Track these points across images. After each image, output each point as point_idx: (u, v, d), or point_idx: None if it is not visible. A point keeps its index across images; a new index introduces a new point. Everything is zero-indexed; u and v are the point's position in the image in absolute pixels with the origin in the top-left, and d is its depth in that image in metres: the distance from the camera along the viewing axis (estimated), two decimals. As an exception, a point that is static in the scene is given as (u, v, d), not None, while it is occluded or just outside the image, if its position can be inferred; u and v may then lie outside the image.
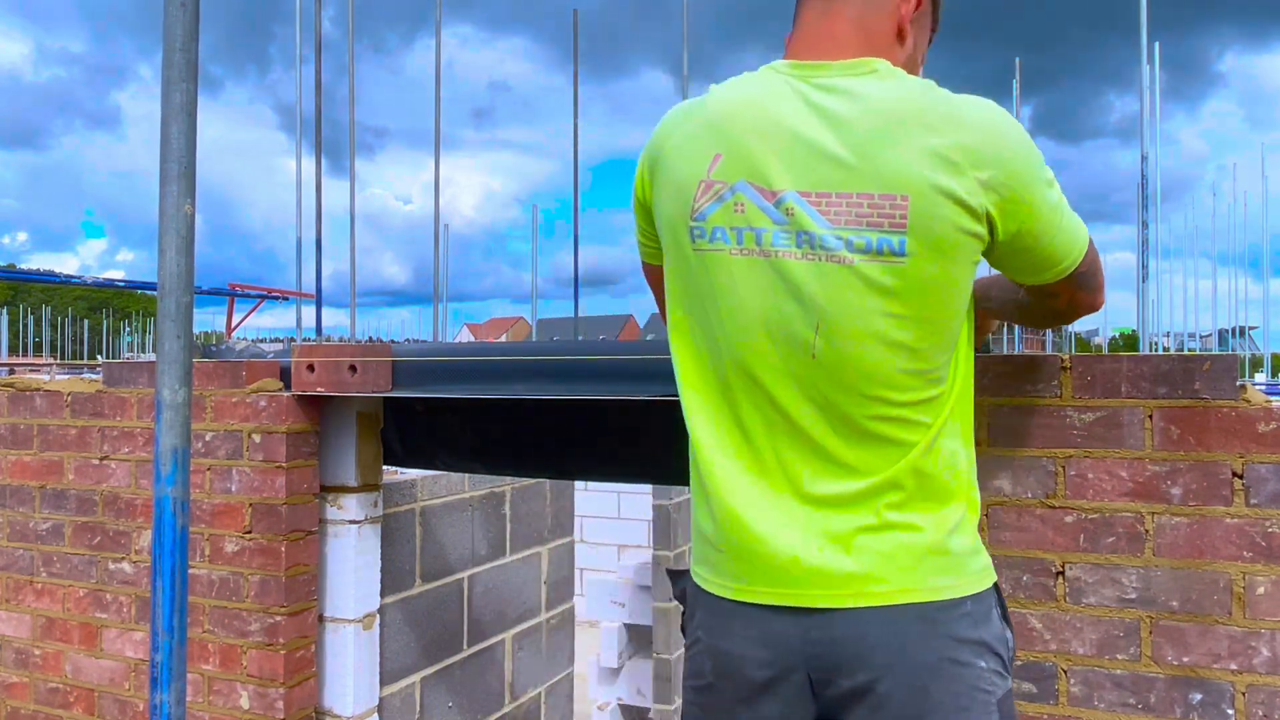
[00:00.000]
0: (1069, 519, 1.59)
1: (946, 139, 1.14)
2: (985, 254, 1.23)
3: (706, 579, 1.32)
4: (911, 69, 1.32)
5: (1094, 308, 1.39)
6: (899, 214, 1.14)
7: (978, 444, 1.64)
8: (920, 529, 1.21)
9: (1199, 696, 1.52)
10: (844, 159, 1.16)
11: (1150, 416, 1.55)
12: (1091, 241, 1.31)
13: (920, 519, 1.21)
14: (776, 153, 1.19)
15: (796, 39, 1.31)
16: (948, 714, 1.17)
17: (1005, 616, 1.28)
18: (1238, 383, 1.52)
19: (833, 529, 1.21)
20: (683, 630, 1.40)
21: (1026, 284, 1.32)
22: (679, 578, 1.43)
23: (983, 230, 1.18)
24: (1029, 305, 1.41)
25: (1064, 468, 1.60)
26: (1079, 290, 1.33)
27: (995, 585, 1.28)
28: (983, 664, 1.20)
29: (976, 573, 1.25)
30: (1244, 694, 1.50)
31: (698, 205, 1.23)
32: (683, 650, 1.39)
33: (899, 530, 1.21)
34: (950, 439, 1.25)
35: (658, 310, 1.53)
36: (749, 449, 1.25)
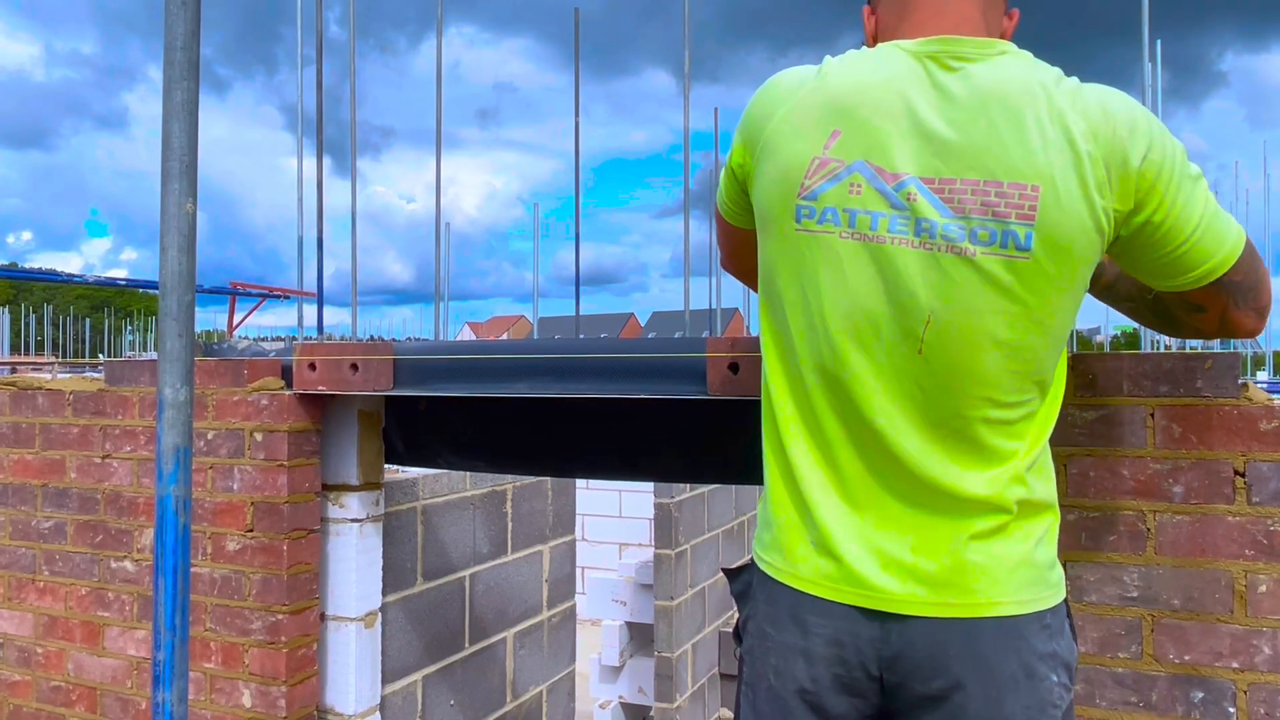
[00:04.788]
0: (1071, 517, 1.59)
1: (1078, 125, 1.09)
2: (1112, 250, 1.17)
3: (778, 568, 1.27)
4: None
5: (1253, 331, 1.23)
6: (1028, 205, 1.09)
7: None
8: (1012, 542, 1.17)
9: (1200, 695, 1.52)
10: (972, 143, 1.11)
11: (1152, 415, 1.55)
12: (1254, 250, 1.18)
13: (1015, 532, 1.18)
14: (900, 134, 1.14)
15: (918, 14, 1.23)
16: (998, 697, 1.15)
17: (1073, 628, 1.26)
18: (1240, 381, 1.52)
19: (922, 537, 1.18)
20: (740, 630, 1.35)
21: (1163, 288, 1.22)
22: (739, 574, 1.37)
23: (1107, 226, 1.12)
24: (1171, 316, 1.30)
25: (1065, 466, 1.59)
26: (1233, 306, 1.20)
27: (1066, 603, 1.25)
28: (1055, 678, 1.17)
29: (1055, 585, 1.22)
30: (1245, 692, 1.50)
31: (809, 183, 1.17)
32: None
33: (992, 541, 1.17)
34: (1047, 450, 1.23)
35: (728, 264, 1.50)
36: (824, 446, 1.22)
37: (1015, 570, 1.17)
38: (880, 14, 1.30)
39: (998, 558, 1.16)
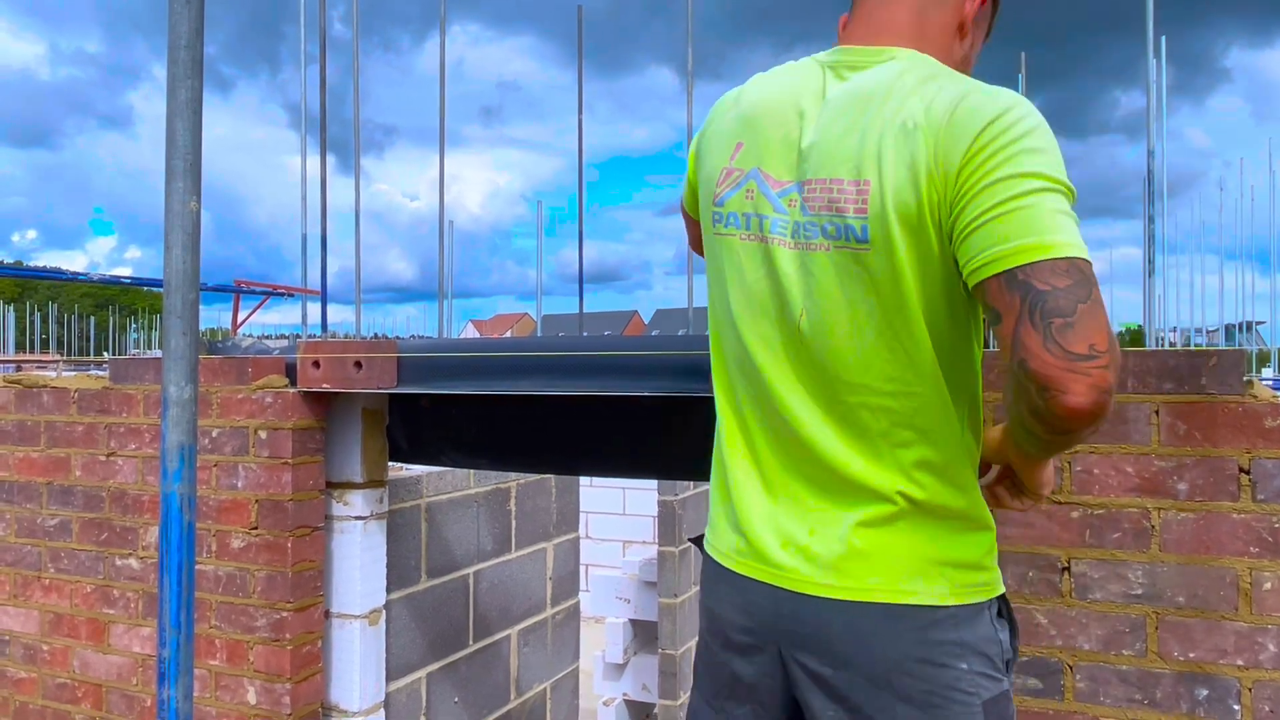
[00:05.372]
0: (1075, 515, 1.59)
1: (918, 120, 1.11)
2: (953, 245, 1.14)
3: (709, 542, 1.39)
4: (965, 68, 1.30)
5: (1047, 366, 0.98)
6: (862, 199, 1.14)
7: (983, 440, 1.64)
8: (900, 534, 1.19)
9: (1205, 692, 1.52)
10: (826, 145, 1.18)
11: (1157, 412, 1.55)
12: (1083, 274, 1.00)
13: (905, 526, 1.20)
14: (786, 143, 1.23)
15: (851, 24, 1.31)
16: (919, 710, 1.18)
17: (1004, 617, 1.25)
18: (1245, 378, 1.51)
19: (820, 520, 1.23)
20: None
21: (970, 282, 1.10)
22: (698, 540, 1.50)
23: (942, 216, 1.11)
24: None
25: (1070, 463, 1.59)
26: (1026, 319, 1.00)
27: (998, 600, 1.24)
28: (964, 665, 1.18)
29: (969, 586, 1.20)
30: (1250, 689, 1.50)
31: (719, 190, 1.29)
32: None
33: (879, 530, 1.20)
34: (942, 449, 1.20)
35: (695, 248, 1.56)
36: (745, 432, 1.31)
37: (903, 561, 1.19)
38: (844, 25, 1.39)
39: (884, 547, 1.19)
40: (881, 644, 1.19)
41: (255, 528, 2.32)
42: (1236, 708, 1.50)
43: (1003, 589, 1.25)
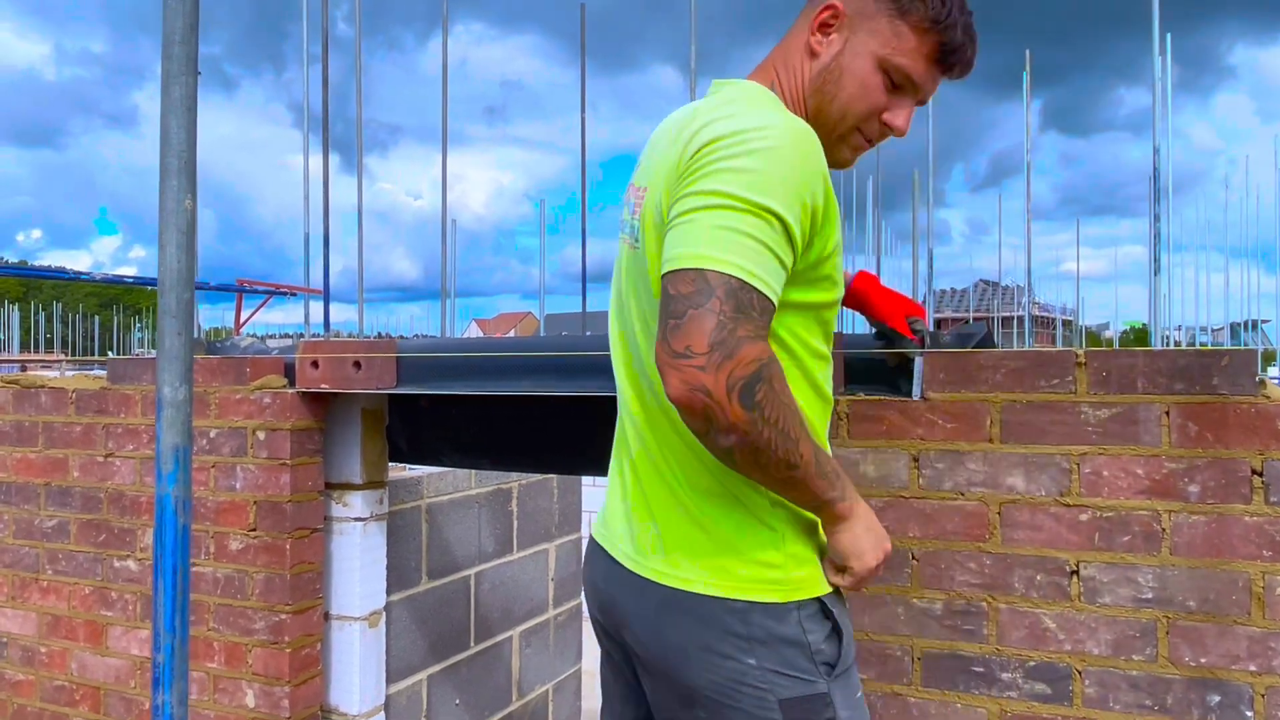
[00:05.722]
0: (1084, 517, 1.56)
1: (685, 136, 1.20)
2: None
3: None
4: (830, 78, 1.30)
5: (667, 377, 1.07)
6: (641, 203, 1.26)
7: (989, 440, 1.61)
8: (685, 528, 1.25)
9: (1217, 698, 1.49)
10: (646, 159, 1.33)
11: (1167, 413, 1.52)
12: (708, 280, 1.06)
13: (691, 521, 1.25)
14: (647, 159, 1.35)
15: None
16: (708, 698, 1.22)
17: (827, 619, 1.23)
18: (1257, 378, 1.49)
19: (643, 502, 1.31)
20: None
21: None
22: None
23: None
24: None
25: (1078, 465, 1.57)
26: (659, 324, 1.10)
27: (816, 602, 1.23)
28: (751, 660, 1.20)
29: (760, 583, 1.22)
30: (1263, 696, 1.47)
31: (625, 201, 1.40)
32: None
33: (673, 520, 1.26)
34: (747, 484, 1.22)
35: None
36: (619, 418, 1.41)
37: (688, 551, 1.24)
38: None
39: (674, 535, 1.26)
40: (665, 628, 1.25)
41: (254, 529, 2.30)
42: (1249, 714, 1.48)
43: (822, 591, 1.24)
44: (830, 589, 1.25)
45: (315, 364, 2.24)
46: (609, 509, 1.40)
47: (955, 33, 1.27)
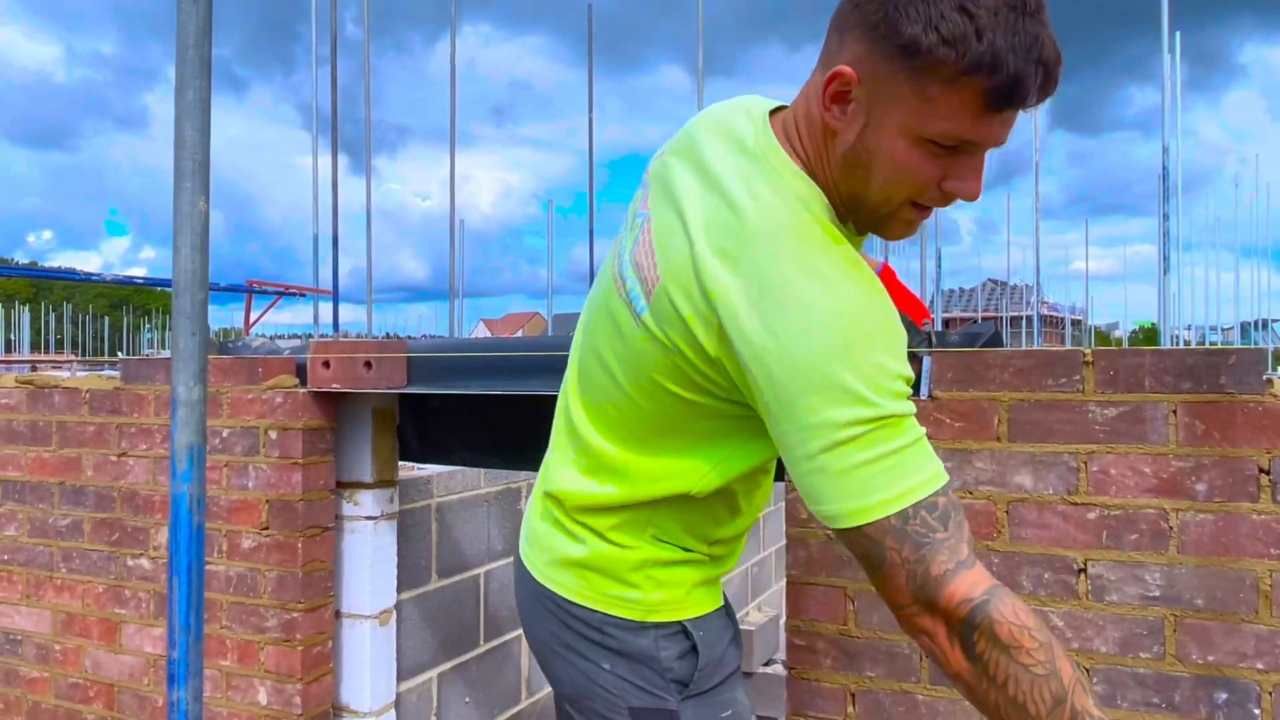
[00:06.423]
0: (1091, 515, 1.57)
1: (710, 239, 1.05)
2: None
3: None
4: (857, 166, 1.03)
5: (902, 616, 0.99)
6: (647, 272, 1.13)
7: (997, 439, 1.62)
8: (560, 541, 1.27)
9: (1224, 696, 1.50)
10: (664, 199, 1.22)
11: (1174, 411, 1.53)
12: (874, 537, 0.95)
13: (558, 524, 1.28)
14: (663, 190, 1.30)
15: None
16: (569, 693, 1.28)
17: (674, 638, 1.23)
18: (1265, 377, 1.49)
19: (538, 502, 1.34)
20: None
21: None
22: None
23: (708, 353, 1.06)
24: None
25: (1086, 464, 1.57)
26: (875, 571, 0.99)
27: (676, 624, 1.24)
28: (606, 665, 1.23)
29: (615, 599, 1.23)
30: (1271, 693, 1.47)
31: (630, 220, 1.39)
32: None
33: (552, 527, 1.29)
34: (635, 523, 1.23)
35: None
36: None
37: (550, 553, 1.28)
38: None
39: (551, 548, 1.28)
40: (537, 622, 1.31)
41: (266, 528, 2.32)
42: (1257, 711, 1.48)
43: (687, 617, 1.24)
44: (697, 614, 1.24)
45: (327, 364, 2.26)
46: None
47: (1005, 68, 0.93)
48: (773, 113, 1.14)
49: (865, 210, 1.08)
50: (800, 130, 1.09)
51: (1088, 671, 1.58)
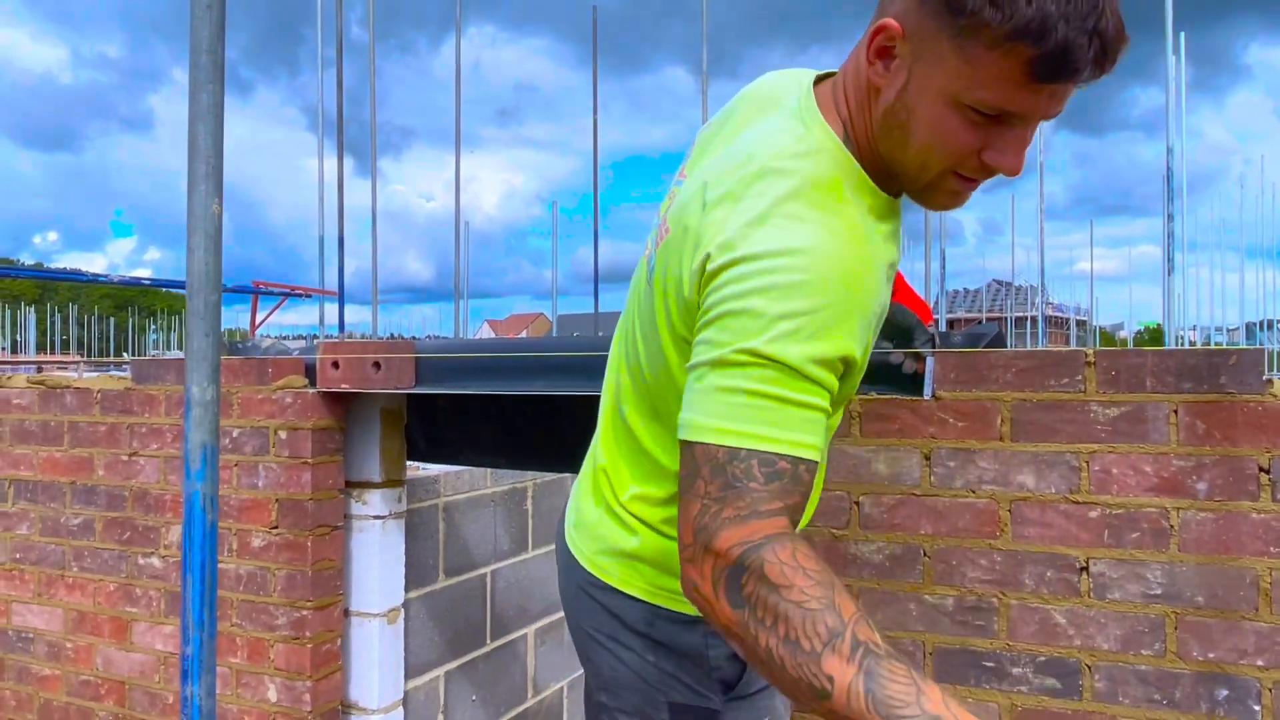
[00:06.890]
0: (1093, 514, 1.59)
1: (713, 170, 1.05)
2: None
3: None
4: (896, 125, 0.98)
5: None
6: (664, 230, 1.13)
7: (1000, 439, 1.64)
8: (610, 526, 1.26)
9: (1225, 693, 1.51)
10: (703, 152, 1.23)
11: (1175, 411, 1.54)
12: (699, 460, 0.90)
13: (609, 521, 1.27)
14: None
15: None
16: (607, 681, 1.27)
17: (727, 649, 1.21)
18: (1265, 377, 1.51)
19: (587, 475, 1.35)
20: None
21: None
22: None
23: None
24: None
25: (1088, 463, 1.59)
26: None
27: (660, 609, 1.23)
28: (650, 658, 1.22)
29: (669, 591, 1.21)
30: (1271, 690, 1.49)
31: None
32: None
33: (604, 514, 1.27)
34: (626, 473, 1.23)
35: None
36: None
37: (610, 554, 1.25)
38: None
39: (602, 537, 1.27)
40: (582, 610, 1.29)
41: (275, 527, 2.34)
42: (1257, 708, 1.50)
43: None
44: None
45: (336, 364, 2.28)
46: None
47: (1053, 36, 0.86)
48: (827, 77, 1.11)
49: (904, 176, 1.02)
50: (847, 87, 1.04)
51: (1089, 669, 1.59)
